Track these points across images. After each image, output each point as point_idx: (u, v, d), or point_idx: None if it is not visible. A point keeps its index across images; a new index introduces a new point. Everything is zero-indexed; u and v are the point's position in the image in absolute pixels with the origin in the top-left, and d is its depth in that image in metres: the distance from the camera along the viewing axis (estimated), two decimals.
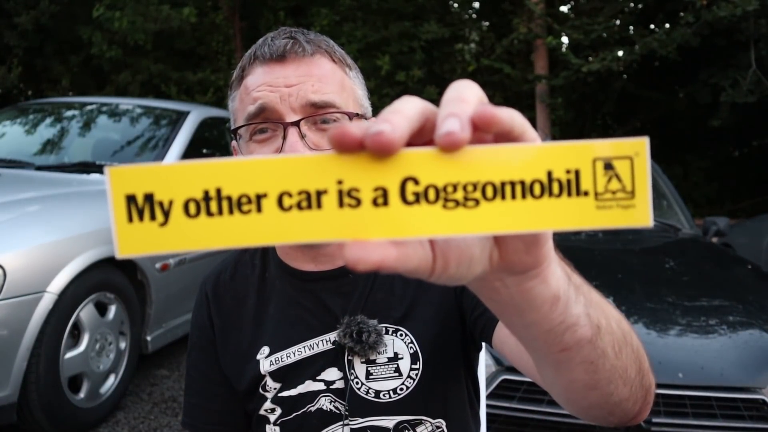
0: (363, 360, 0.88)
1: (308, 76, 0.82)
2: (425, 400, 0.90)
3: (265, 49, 0.84)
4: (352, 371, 0.89)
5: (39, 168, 3.25)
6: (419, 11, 9.29)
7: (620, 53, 6.77)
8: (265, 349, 0.92)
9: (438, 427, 0.91)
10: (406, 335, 0.90)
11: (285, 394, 0.91)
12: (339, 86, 0.85)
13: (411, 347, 0.89)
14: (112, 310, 2.74)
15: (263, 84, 0.82)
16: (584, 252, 2.77)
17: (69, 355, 2.47)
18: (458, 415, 0.94)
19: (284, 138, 0.81)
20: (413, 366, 0.89)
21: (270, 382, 0.92)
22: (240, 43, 9.90)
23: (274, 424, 0.92)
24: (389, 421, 0.89)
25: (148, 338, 3.04)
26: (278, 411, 0.92)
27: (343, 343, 0.87)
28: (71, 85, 10.60)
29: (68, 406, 2.47)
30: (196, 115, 3.86)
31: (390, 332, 0.89)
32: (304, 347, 0.91)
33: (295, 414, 0.91)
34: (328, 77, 0.84)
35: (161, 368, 3.42)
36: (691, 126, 8.49)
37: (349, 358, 0.89)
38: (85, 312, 2.55)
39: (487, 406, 1.26)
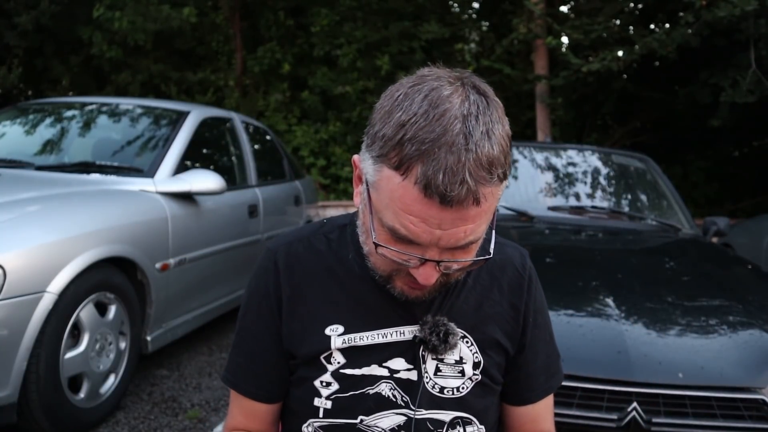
0: (434, 357, 0.95)
1: (464, 221, 0.77)
2: (479, 403, 0.97)
3: (439, 181, 0.73)
4: (424, 366, 0.95)
5: (39, 168, 3.24)
6: (419, 11, 9.29)
7: (620, 53, 6.75)
8: (339, 328, 0.95)
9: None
10: (473, 344, 0.97)
11: (348, 371, 0.94)
12: (489, 216, 0.81)
13: (476, 356, 0.97)
14: (112, 310, 2.74)
15: (418, 218, 0.77)
16: (584, 252, 2.76)
17: (69, 355, 2.47)
18: (492, 427, 1.02)
19: (421, 262, 0.82)
20: (474, 372, 0.97)
21: (337, 356, 0.95)
22: (240, 43, 9.90)
23: (327, 398, 0.95)
24: (447, 416, 0.95)
25: (148, 338, 3.04)
26: (335, 386, 0.95)
27: (428, 339, 0.93)
28: (71, 85, 10.61)
29: (68, 406, 2.47)
30: (196, 115, 3.86)
31: (459, 338, 0.97)
32: (377, 334, 0.95)
33: (351, 393, 0.94)
34: (483, 214, 0.78)
35: (161, 368, 3.42)
36: (691, 126, 8.47)
37: (423, 353, 0.94)
38: (85, 312, 2.55)
39: None
